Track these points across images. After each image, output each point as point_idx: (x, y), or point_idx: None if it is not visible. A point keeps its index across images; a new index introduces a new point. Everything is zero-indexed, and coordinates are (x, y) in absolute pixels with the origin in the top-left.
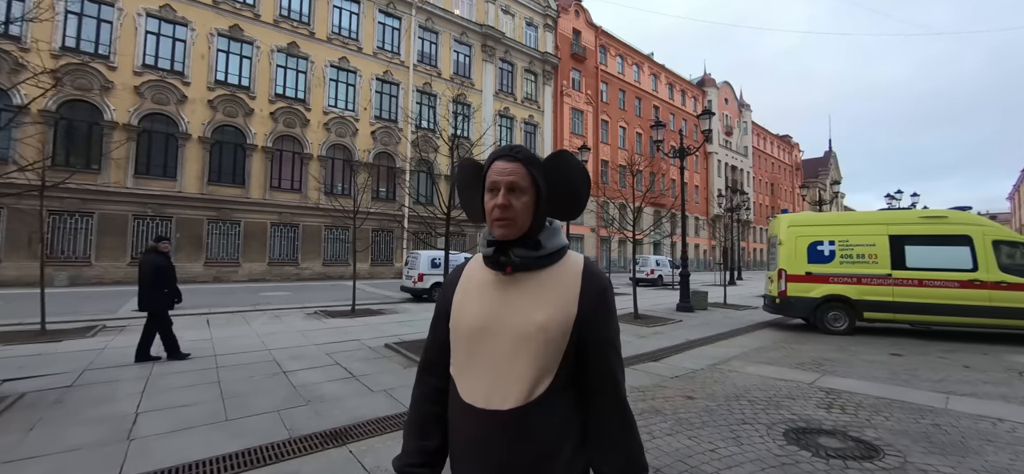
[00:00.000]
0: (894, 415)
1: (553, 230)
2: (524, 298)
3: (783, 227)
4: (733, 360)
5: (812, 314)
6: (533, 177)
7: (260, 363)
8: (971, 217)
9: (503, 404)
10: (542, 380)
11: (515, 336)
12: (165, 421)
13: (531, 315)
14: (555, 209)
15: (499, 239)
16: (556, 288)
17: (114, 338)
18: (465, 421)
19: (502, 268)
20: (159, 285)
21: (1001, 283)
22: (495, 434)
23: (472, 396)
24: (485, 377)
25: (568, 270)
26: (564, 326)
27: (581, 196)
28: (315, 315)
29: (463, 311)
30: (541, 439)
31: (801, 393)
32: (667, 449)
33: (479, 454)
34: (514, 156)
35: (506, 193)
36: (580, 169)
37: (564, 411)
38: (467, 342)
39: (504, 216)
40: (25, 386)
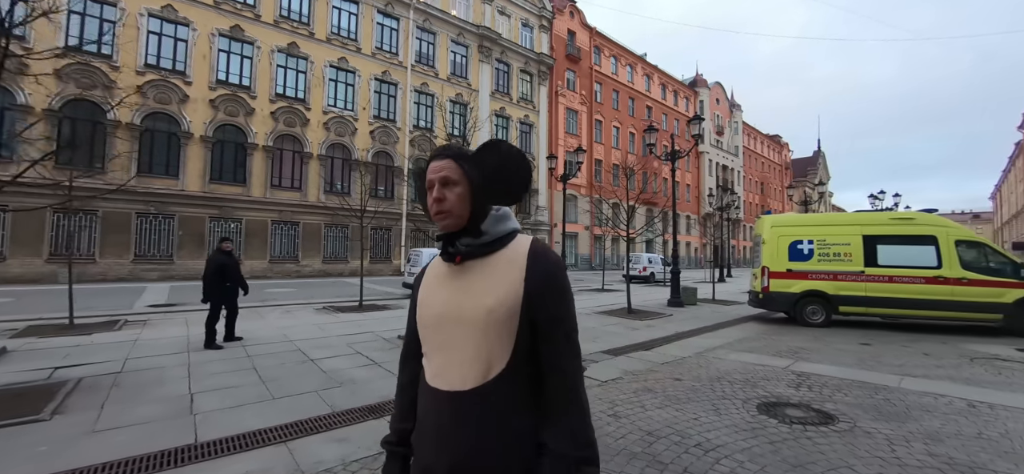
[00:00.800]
0: (853, 392)
1: (499, 217)
2: (474, 284)
3: (766, 227)
4: (718, 349)
5: (792, 308)
6: (464, 170)
7: (287, 353)
8: (936, 219)
9: (462, 385)
10: (497, 361)
11: (468, 320)
12: (219, 400)
13: (481, 300)
14: (494, 196)
15: (441, 231)
16: (504, 271)
17: (141, 331)
18: (429, 403)
19: (452, 258)
20: (221, 280)
21: (962, 279)
22: (455, 414)
23: (435, 379)
24: (445, 361)
25: (515, 253)
26: (511, 307)
27: (515, 181)
28: (325, 310)
29: (424, 302)
30: (500, 419)
31: (775, 376)
32: (657, 419)
33: (440, 433)
34: (445, 154)
35: (439, 188)
36: (512, 156)
37: (521, 390)
38: (428, 330)
39: (440, 209)
40: (78, 373)
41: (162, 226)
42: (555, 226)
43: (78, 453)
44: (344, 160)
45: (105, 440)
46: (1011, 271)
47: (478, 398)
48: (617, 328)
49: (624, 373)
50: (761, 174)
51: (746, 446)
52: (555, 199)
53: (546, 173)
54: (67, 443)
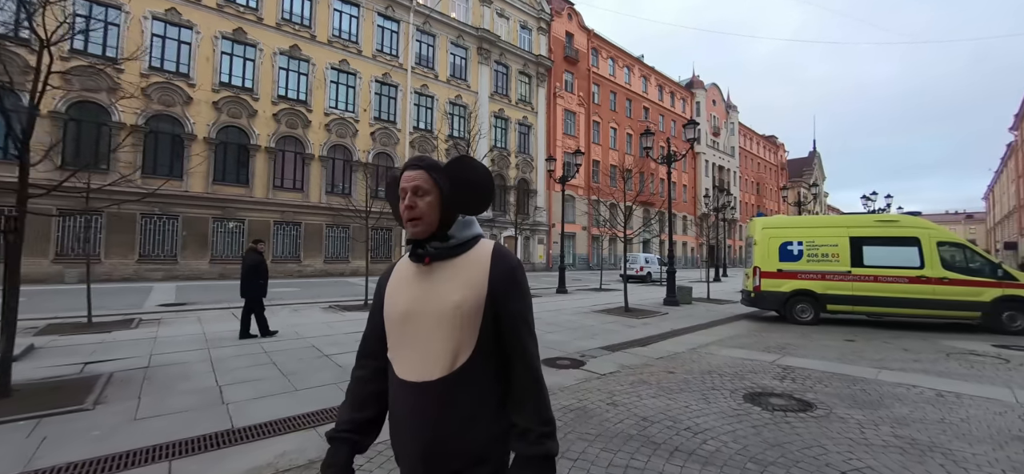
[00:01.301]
0: (833, 384)
1: (465, 223)
2: (441, 283)
3: (758, 229)
4: (710, 345)
5: (782, 306)
6: (434, 180)
7: (302, 349)
8: (919, 221)
9: (430, 375)
10: (462, 352)
11: (435, 316)
12: (246, 391)
13: (448, 297)
14: (462, 205)
15: (412, 236)
16: (469, 271)
17: (159, 329)
18: (401, 395)
19: (421, 260)
20: (255, 278)
21: (943, 279)
22: (425, 402)
23: (404, 372)
24: (414, 354)
25: (479, 255)
26: (477, 303)
27: (482, 193)
28: (331, 309)
29: (392, 301)
30: (465, 404)
31: (762, 369)
32: (651, 407)
33: (412, 422)
34: (418, 164)
35: (411, 196)
36: (479, 170)
37: (485, 379)
38: (397, 326)
39: (412, 216)
40: (107, 368)
41: (166, 227)
42: (553, 226)
43: (127, 437)
44: (345, 161)
45: (148, 427)
46: (989, 271)
47: (445, 386)
48: (615, 326)
49: (621, 367)
50: (757, 174)
51: (731, 429)
52: (553, 200)
53: (545, 174)
54: (115, 429)
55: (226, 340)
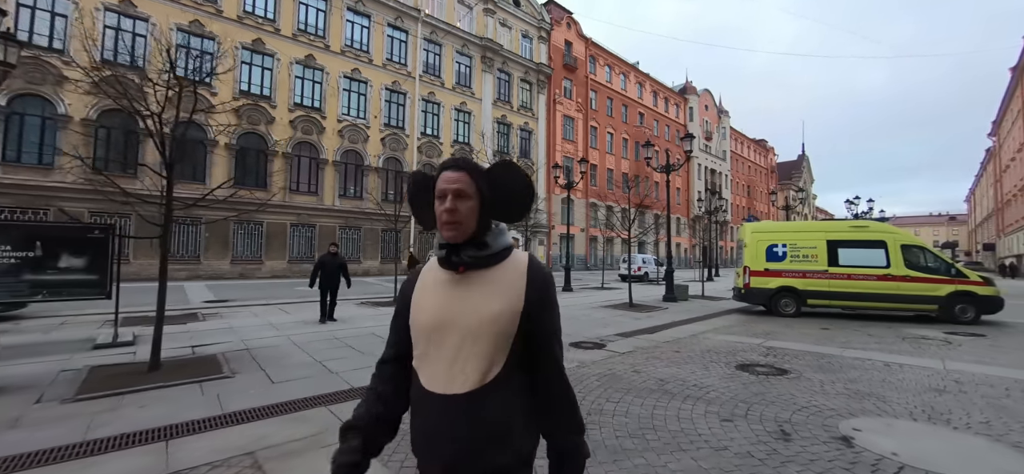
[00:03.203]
0: (805, 358)
1: (498, 232)
2: (476, 294)
3: (748, 233)
4: (707, 333)
5: (769, 301)
6: (477, 184)
7: (367, 335)
8: (886, 227)
9: (459, 388)
10: (494, 366)
11: (468, 328)
12: (343, 364)
13: (483, 309)
14: (499, 213)
15: (448, 241)
16: (504, 284)
17: (229, 320)
18: (426, 406)
19: (455, 268)
20: (339, 274)
21: (906, 277)
22: (453, 415)
23: (432, 383)
24: (443, 365)
25: (514, 268)
26: (512, 317)
27: (522, 202)
28: (364, 305)
29: (421, 308)
30: (494, 418)
31: (751, 349)
32: (665, 372)
33: (439, 435)
34: (459, 166)
35: (453, 199)
36: (521, 177)
37: (514, 393)
38: (425, 335)
39: (451, 219)
40: (212, 350)
41: (190, 229)
42: (552, 227)
43: (279, 393)
44: (357, 166)
45: (286, 387)
46: (944, 270)
47: (474, 400)
48: (623, 318)
49: (636, 348)
50: (748, 178)
51: (726, 386)
52: (553, 202)
53: (545, 177)
54: (264, 389)
55: (292, 327)
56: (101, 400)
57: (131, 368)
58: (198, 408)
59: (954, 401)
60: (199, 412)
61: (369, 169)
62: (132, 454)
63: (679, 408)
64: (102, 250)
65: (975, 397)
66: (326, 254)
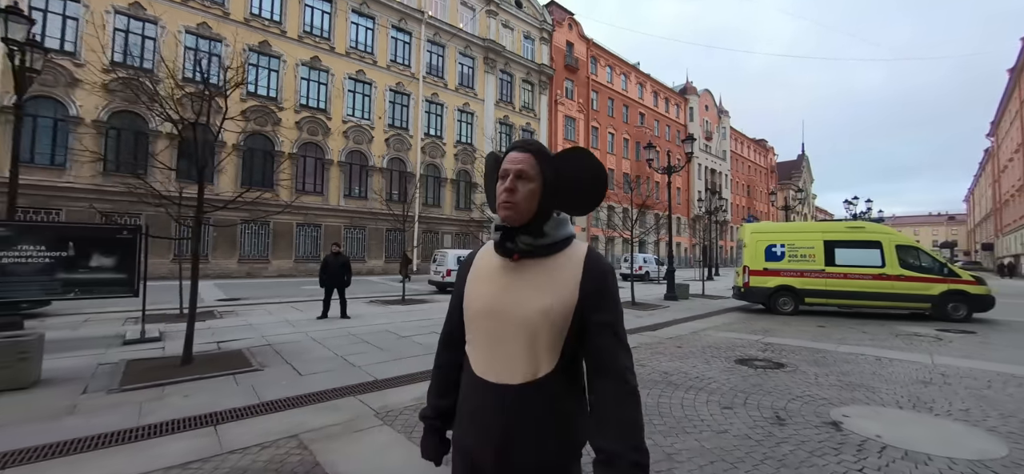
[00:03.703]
0: (801, 353)
1: (560, 221)
2: (529, 284)
3: (747, 233)
4: (708, 330)
5: (768, 300)
6: (541, 168)
7: (382, 332)
8: (881, 228)
9: (510, 379)
10: (546, 359)
11: (520, 318)
12: (364, 359)
13: (535, 300)
14: (564, 202)
15: (503, 222)
16: (559, 275)
17: (245, 318)
18: (475, 393)
19: (510, 255)
20: (345, 273)
21: (901, 276)
22: (501, 406)
23: (482, 370)
24: (493, 354)
25: (571, 259)
26: (566, 311)
27: (589, 193)
28: (374, 303)
29: (474, 294)
30: (543, 413)
31: (749, 345)
32: (668, 366)
33: (484, 423)
34: (526, 147)
35: (513, 179)
36: (593, 167)
37: (566, 389)
38: (476, 321)
39: (508, 200)
40: (236, 345)
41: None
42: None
43: (307, 384)
44: (362, 166)
45: (314, 379)
46: (937, 269)
47: (526, 393)
48: (627, 316)
49: (640, 344)
50: (748, 177)
51: (726, 378)
52: None
53: None
54: (294, 381)
55: (308, 324)
56: (144, 391)
57: (165, 362)
58: (237, 397)
59: (938, 392)
60: (238, 401)
61: (373, 169)
62: (186, 437)
63: (682, 397)
64: (130, 250)
65: (958, 388)
66: (330, 254)
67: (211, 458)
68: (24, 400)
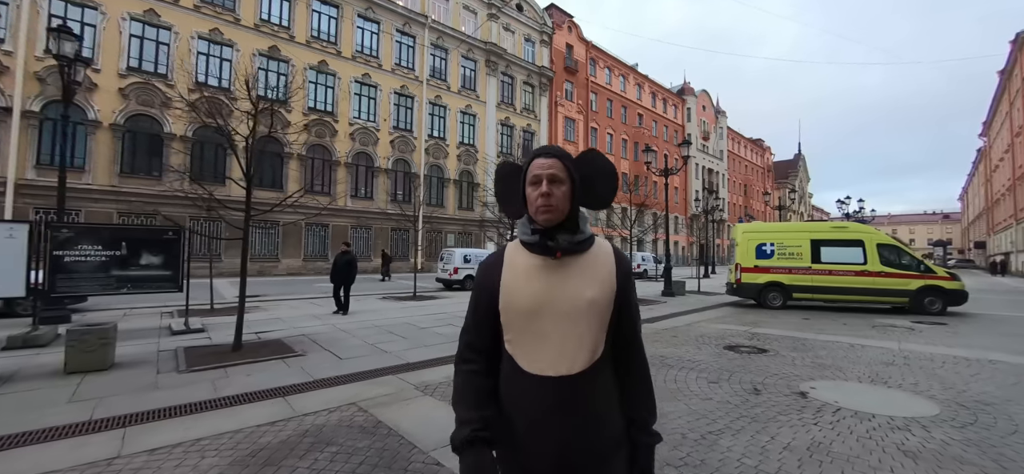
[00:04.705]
0: (784, 341)
1: (585, 218)
2: (573, 278)
3: (740, 233)
4: (701, 322)
5: (758, 295)
6: (569, 170)
7: (403, 324)
8: (863, 227)
9: (572, 369)
10: (599, 345)
11: (572, 311)
12: (393, 346)
13: (583, 293)
14: (588, 199)
15: (543, 225)
16: (598, 268)
17: (272, 312)
18: (534, 390)
19: (551, 253)
20: (351, 270)
21: (881, 272)
22: (568, 396)
23: (538, 366)
24: (548, 348)
25: (603, 253)
26: (608, 300)
27: (609, 188)
28: (386, 299)
29: (516, 292)
30: (603, 394)
31: (738, 334)
32: (664, 351)
33: (549, 416)
34: (552, 154)
35: (548, 183)
36: (607, 165)
37: (612, 371)
38: (524, 319)
39: (548, 204)
40: (272, 336)
41: (211, 229)
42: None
43: (349, 366)
44: (367, 167)
45: (354, 363)
46: (915, 266)
47: (587, 380)
48: None
49: None
50: (744, 177)
51: (714, 360)
52: None
53: None
54: (336, 364)
55: (332, 318)
56: (210, 371)
57: (217, 349)
58: (292, 376)
59: (897, 371)
60: (294, 379)
61: (379, 170)
62: (262, 405)
63: (676, 375)
64: (175, 250)
65: (915, 368)
66: (338, 252)
67: (290, 419)
68: (111, 378)
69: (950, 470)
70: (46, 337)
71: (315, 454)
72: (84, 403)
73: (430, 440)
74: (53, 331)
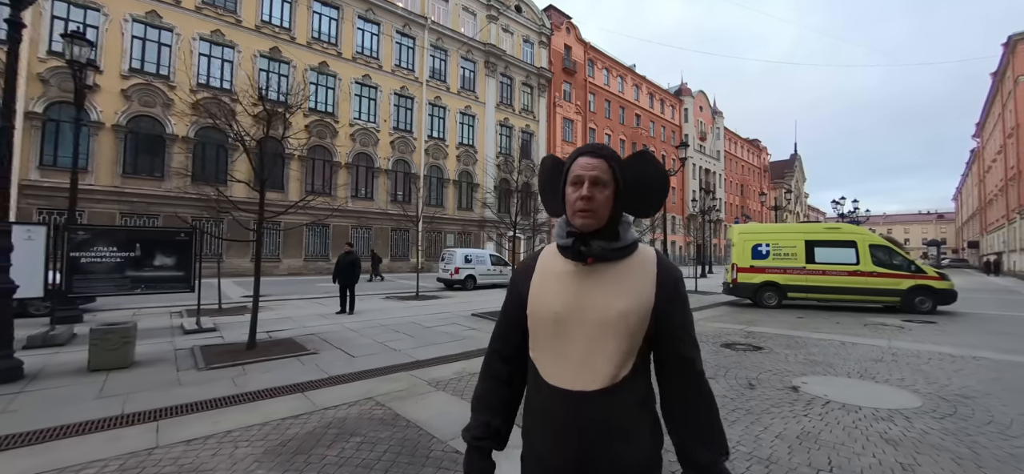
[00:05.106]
0: (778, 339)
1: (628, 224)
2: (605, 287)
3: (736, 234)
4: (699, 321)
5: (754, 294)
6: (614, 173)
7: (410, 323)
8: (856, 228)
9: (590, 385)
10: (625, 363)
11: (598, 322)
12: (402, 345)
13: (613, 303)
14: (630, 205)
15: (580, 229)
16: (634, 278)
17: (279, 312)
18: (551, 402)
19: (582, 259)
20: (354, 270)
21: (874, 272)
22: (582, 413)
23: (557, 378)
24: (570, 360)
25: (643, 262)
26: (643, 314)
27: (656, 195)
28: (390, 299)
29: (543, 298)
30: (624, 419)
31: (734, 333)
32: None
33: (566, 432)
34: (599, 153)
35: (590, 186)
36: (658, 169)
37: (643, 393)
38: (550, 327)
39: (587, 207)
40: (282, 334)
41: (213, 229)
42: (552, 226)
43: (361, 364)
44: (368, 168)
45: (366, 360)
46: (906, 266)
47: (605, 398)
48: None
49: None
50: (741, 177)
51: (711, 358)
52: None
53: None
54: (349, 361)
55: (339, 318)
56: (228, 368)
57: (232, 347)
58: (307, 373)
59: (885, 367)
60: (310, 375)
61: (379, 171)
62: (281, 400)
63: None
64: (187, 251)
65: (902, 364)
66: (342, 253)
67: (312, 412)
68: (134, 376)
69: (927, 455)
70: (63, 336)
71: (341, 444)
72: (113, 399)
73: (447, 431)
74: (69, 331)
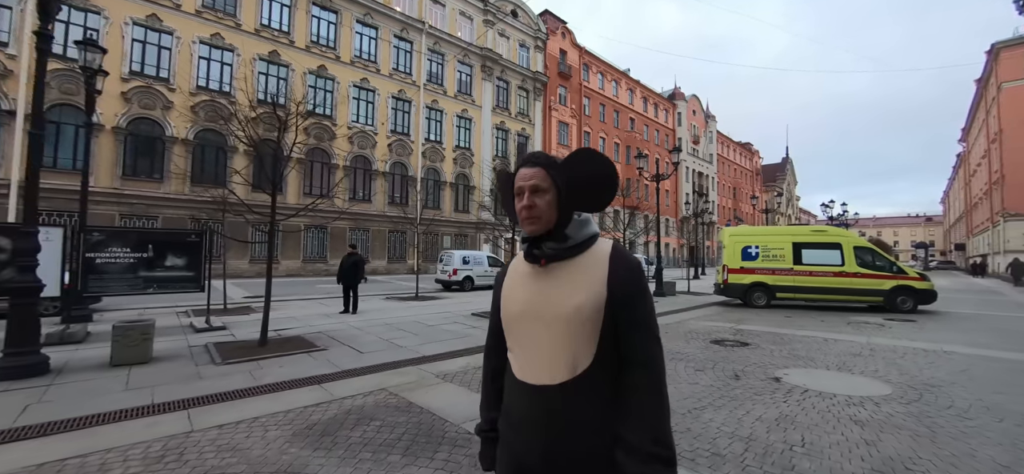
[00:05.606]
0: (765, 336)
1: (581, 222)
2: (560, 285)
3: (726, 236)
4: (690, 320)
5: (744, 295)
6: (552, 177)
7: (413, 322)
8: (841, 231)
9: (552, 379)
10: (583, 357)
11: (555, 318)
12: (407, 342)
13: (566, 300)
14: (580, 202)
15: (529, 235)
16: (587, 273)
17: (284, 311)
18: (518, 397)
19: (537, 261)
20: (357, 272)
21: (858, 273)
22: (544, 407)
23: (524, 374)
24: (532, 356)
25: (597, 256)
26: (597, 306)
27: (602, 190)
28: (390, 300)
29: (509, 300)
30: (585, 413)
31: (724, 330)
32: None
33: (530, 425)
34: (535, 162)
35: (530, 195)
36: (602, 165)
37: (607, 387)
38: (512, 326)
39: (530, 215)
40: (290, 332)
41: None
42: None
43: (370, 359)
44: (365, 170)
45: (373, 356)
46: (889, 267)
47: (567, 392)
48: None
49: None
50: (734, 180)
51: (701, 353)
52: None
53: None
54: (358, 357)
55: (342, 317)
56: (245, 363)
57: (245, 344)
58: (320, 367)
59: (862, 361)
60: (323, 369)
61: (376, 173)
62: (300, 391)
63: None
64: (197, 252)
65: (878, 358)
66: (346, 254)
67: (331, 401)
68: (156, 370)
69: (889, 434)
70: (79, 334)
71: (363, 427)
72: (141, 390)
73: (459, 415)
74: (83, 329)
